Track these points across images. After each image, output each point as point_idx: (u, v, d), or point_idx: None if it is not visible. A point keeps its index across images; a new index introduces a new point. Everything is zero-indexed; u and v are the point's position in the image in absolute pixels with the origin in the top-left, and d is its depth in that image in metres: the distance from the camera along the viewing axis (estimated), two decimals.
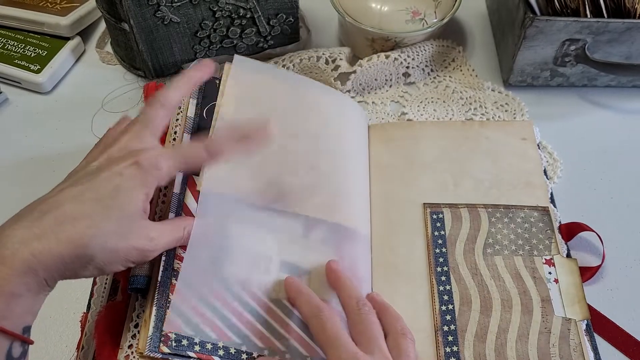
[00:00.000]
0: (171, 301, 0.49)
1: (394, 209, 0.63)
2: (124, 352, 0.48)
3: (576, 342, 0.53)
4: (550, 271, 0.58)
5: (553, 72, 0.76)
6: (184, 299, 0.49)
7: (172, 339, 0.47)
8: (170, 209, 0.53)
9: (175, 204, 0.53)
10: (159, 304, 0.48)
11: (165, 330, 0.47)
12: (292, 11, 0.77)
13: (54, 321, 0.59)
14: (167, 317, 0.48)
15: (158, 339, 0.47)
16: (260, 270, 0.54)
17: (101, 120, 0.76)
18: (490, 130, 0.69)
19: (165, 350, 0.46)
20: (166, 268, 0.50)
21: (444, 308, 0.56)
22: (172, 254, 0.51)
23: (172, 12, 0.71)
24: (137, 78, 0.81)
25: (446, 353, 0.53)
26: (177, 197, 0.54)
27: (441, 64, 0.81)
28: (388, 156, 0.67)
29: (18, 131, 0.75)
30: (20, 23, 0.83)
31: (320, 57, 0.76)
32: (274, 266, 0.55)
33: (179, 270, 0.50)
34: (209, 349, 0.48)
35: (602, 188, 0.69)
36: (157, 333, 0.47)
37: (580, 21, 0.68)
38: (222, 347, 0.49)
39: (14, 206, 0.67)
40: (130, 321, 0.50)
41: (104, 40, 0.86)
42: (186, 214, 0.53)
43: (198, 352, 0.48)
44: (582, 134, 0.74)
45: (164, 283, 0.49)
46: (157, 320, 0.47)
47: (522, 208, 0.62)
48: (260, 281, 0.53)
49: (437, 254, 0.59)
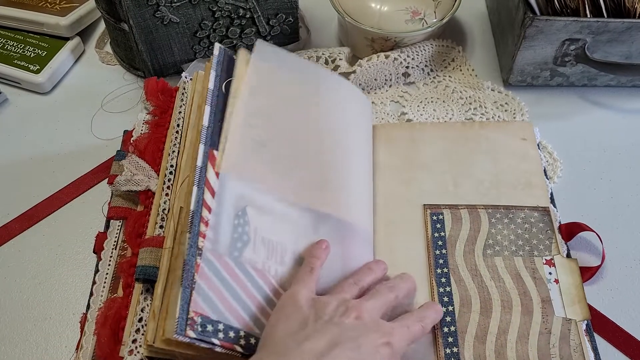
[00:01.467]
0: (196, 282, 0.47)
1: (394, 210, 0.63)
2: (127, 347, 0.48)
3: (576, 343, 0.53)
4: (550, 271, 0.58)
5: (553, 71, 0.76)
6: (209, 282, 0.48)
7: (199, 323, 0.46)
8: (195, 182, 0.51)
9: (197, 177, 0.52)
10: (184, 284, 0.46)
11: (192, 312, 0.45)
12: (291, 11, 0.76)
13: (53, 322, 0.59)
14: (192, 299, 0.46)
15: (184, 321, 0.45)
16: (277, 260, 0.54)
17: (100, 121, 0.76)
18: (490, 131, 0.69)
19: (191, 335, 0.45)
20: (191, 246, 0.48)
21: (443, 309, 0.55)
22: (196, 230, 0.49)
23: (172, 12, 0.71)
24: (136, 78, 0.80)
25: (446, 354, 0.53)
26: (199, 170, 0.52)
27: (441, 63, 0.81)
28: (388, 156, 0.67)
29: (17, 131, 0.75)
30: (19, 23, 0.83)
31: (320, 57, 0.76)
32: (288, 257, 0.54)
33: (204, 250, 0.49)
34: (232, 338, 0.47)
35: (602, 188, 0.69)
36: (183, 315, 0.45)
37: (580, 21, 0.68)
38: (243, 336, 0.48)
39: (14, 206, 0.67)
40: (133, 315, 0.50)
41: (104, 40, 0.86)
42: (208, 189, 0.51)
43: (222, 340, 0.46)
44: (582, 134, 0.74)
45: (190, 262, 0.47)
46: (184, 302, 0.46)
47: (522, 208, 0.62)
48: (277, 271, 0.53)
49: (437, 255, 0.59)
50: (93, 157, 0.72)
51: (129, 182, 0.59)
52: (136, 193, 0.59)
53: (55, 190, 0.69)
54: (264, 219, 0.54)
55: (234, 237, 0.51)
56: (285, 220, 0.56)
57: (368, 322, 0.47)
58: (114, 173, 0.63)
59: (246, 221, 0.53)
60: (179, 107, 0.62)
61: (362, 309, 0.48)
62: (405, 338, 0.49)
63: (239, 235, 0.52)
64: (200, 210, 0.50)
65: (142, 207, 0.59)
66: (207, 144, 0.54)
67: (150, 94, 0.65)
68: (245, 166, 0.56)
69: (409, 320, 0.51)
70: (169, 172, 0.57)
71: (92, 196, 0.68)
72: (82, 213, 0.67)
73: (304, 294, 0.49)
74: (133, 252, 0.55)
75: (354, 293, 0.52)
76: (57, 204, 0.68)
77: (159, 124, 0.63)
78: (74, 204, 0.68)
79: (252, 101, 0.59)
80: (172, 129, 0.61)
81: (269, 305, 0.51)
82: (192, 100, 0.60)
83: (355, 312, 0.48)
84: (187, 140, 0.58)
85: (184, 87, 0.64)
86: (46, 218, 0.67)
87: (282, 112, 0.61)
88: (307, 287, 0.50)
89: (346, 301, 0.49)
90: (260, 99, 0.60)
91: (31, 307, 0.60)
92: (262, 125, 0.59)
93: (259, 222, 0.54)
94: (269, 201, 0.56)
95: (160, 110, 0.64)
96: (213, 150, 0.54)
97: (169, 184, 0.56)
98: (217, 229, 0.51)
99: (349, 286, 0.52)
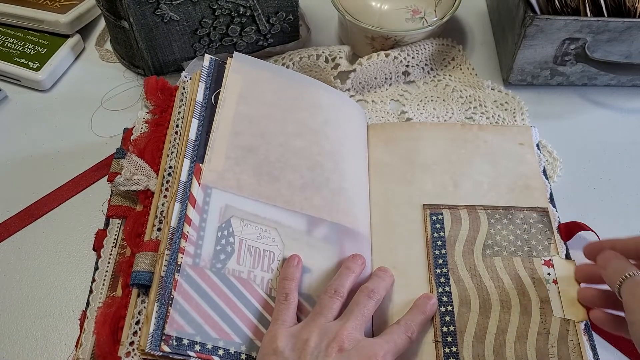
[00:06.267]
0: (174, 298, 0.49)
1: (393, 210, 0.63)
2: (125, 348, 0.49)
3: (575, 343, 0.53)
4: (549, 272, 0.58)
5: (553, 71, 0.76)
6: (187, 297, 0.49)
7: (174, 338, 0.47)
8: (177, 198, 0.53)
9: (181, 192, 0.53)
10: (161, 300, 0.48)
11: (167, 328, 0.47)
12: (292, 9, 0.76)
13: (53, 319, 0.59)
14: (169, 315, 0.48)
15: (159, 337, 0.47)
16: (264, 268, 0.54)
17: (100, 118, 0.76)
18: (488, 133, 0.69)
19: (165, 349, 0.46)
20: (170, 263, 0.50)
21: (443, 309, 0.56)
22: (176, 247, 0.51)
23: (172, 10, 0.71)
24: (136, 76, 0.80)
25: (445, 354, 0.53)
26: (183, 185, 0.54)
27: (441, 62, 0.81)
28: (388, 156, 0.67)
29: (17, 129, 0.75)
30: (19, 20, 0.83)
31: (320, 56, 0.76)
32: (276, 264, 0.55)
33: (183, 265, 0.50)
34: (210, 349, 0.48)
35: (602, 187, 0.69)
36: (158, 331, 0.47)
37: (581, 20, 0.68)
38: (222, 347, 0.49)
39: (14, 203, 0.67)
40: (131, 317, 0.50)
41: (104, 38, 0.86)
42: (191, 203, 0.53)
43: (198, 352, 0.48)
44: (582, 133, 0.74)
45: (167, 279, 0.49)
46: (159, 318, 0.47)
47: (521, 209, 0.62)
48: (263, 279, 0.54)
49: (437, 255, 0.59)
50: (93, 155, 0.72)
51: (129, 182, 0.59)
52: (135, 192, 0.59)
53: (55, 187, 0.69)
54: (251, 227, 0.55)
55: (216, 250, 0.53)
56: (274, 226, 0.56)
57: (351, 351, 0.47)
58: (114, 171, 0.63)
59: (231, 232, 0.54)
60: (179, 107, 0.62)
61: (343, 337, 0.48)
62: (393, 353, 0.49)
63: (223, 247, 0.53)
64: (182, 227, 0.52)
65: (142, 206, 0.59)
66: (193, 158, 0.56)
67: (150, 93, 0.66)
68: (232, 176, 0.57)
69: (395, 334, 0.51)
70: (167, 173, 0.57)
71: (92, 193, 0.69)
72: (81, 210, 0.67)
73: (283, 334, 0.49)
74: (132, 252, 0.55)
75: (336, 310, 0.52)
76: (56, 201, 0.68)
77: (158, 123, 0.63)
78: (73, 201, 0.68)
79: (238, 107, 0.61)
80: (171, 129, 0.61)
81: (253, 314, 0.52)
82: (191, 100, 0.60)
83: (336, 344, 0.47)
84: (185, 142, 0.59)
85: (184, 86, 0.64)
86: (46, 215, 0.67)
87: (269, 117, 0.62)
88: (284, 324, 0.50)
89: (326, 331, 0.49)
90: (247, 104, 0.62)
91: (30, 304, 0.60)
92: (248, 130, 0.60)
93: (245, 231, 0.55)
94: (256, 208, 0.56)
95: (160, 109, 0.65)
96: (199, 164, 0.56)
97: (167, 185, 0.56)
98: (200, 242, 0.52)
99: (330, 301, 0.52)
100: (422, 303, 0.55)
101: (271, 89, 0.64)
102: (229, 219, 0.55)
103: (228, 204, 0.55)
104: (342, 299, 0.52)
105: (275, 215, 0.57)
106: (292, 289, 0.53)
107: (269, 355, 0.48)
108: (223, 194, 0.55)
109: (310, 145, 0.62)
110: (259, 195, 0.57)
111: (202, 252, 0.52)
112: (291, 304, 0.52)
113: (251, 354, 0.50)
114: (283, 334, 0.49)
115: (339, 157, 0.63)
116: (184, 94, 0.63)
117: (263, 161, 0.59)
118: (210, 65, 0.62)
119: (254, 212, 0.56)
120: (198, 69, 0.63)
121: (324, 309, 0.51)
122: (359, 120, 0.69)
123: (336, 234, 0.58)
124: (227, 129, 0.59)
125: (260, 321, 0.52)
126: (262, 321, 0.52)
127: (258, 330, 0.51)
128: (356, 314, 0.51)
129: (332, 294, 0.52)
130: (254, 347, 0.50)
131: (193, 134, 0.57)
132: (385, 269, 0.57)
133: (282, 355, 0.47)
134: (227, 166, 0.57)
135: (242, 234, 0.55)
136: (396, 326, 0.52)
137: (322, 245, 0.57)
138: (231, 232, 0.54)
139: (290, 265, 0.55)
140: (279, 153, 0.60)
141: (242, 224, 0.55)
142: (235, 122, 0.60)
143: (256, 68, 0.65)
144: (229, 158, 0.58)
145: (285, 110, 0.63)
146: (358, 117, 0.69)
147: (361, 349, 0.48)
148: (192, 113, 0.58)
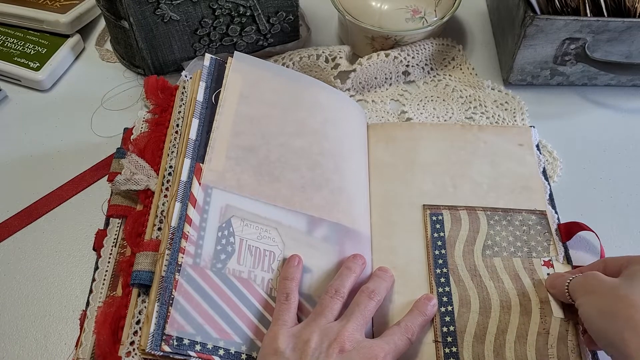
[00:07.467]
0: (174, 298, 0.49)
1: (393, 210, 0.63)
2: (125, 347, 0.49)
3: (574, 343, 0.53)
4: (548, 272, 0.58)
5: (553, 71, 0.76)
6: (187, 297, 0.49)
7: (174, 338, 0.47)
8: (177, 197, 0.53)
9: (181, 192, 0.54)
10: (161, 300, 0.48)
11: (168, 328, 0.47)
12: (292, 9, 0.76)
13: (53, 319, 0.59)
14: (170, 315, 0.48)
15: (160, 337, 0.47)
16: (265, 268, 0.54)
17: (100, 118, 0.76)
18: (488, 134, 0.69)
19: (166, 349, 0.46)
20: (170, 262, 0.50)
21: (443, 309, 0.56)
22: (176, 247, 0.51)
23: (172, 10, 0.71)
24: (136, 76, 0.80)
25: (445, 354, 0.53)
26: (183, 184, 0.54)
27: (441, 62, 0.81)
28: (388, 156, 0.67)
29: (18, 129, 0.75)
30: (19, 20, 0.83)
31: (320, 56, 0.76)
32: (277, 264, 0.55)
33: (183, 264, 0.50)
34: (210, 349, 0.48)
35: (602, 187, 0.69)
36: (158, 331, 0.47)
37: (581, 20, 0.68)
38: (223, 347, 0.49)
39: (14, 203, 0.67)
40: (131, 317, 0.50)
41: (104, 37, 0.86)
42: (191, 203, 0.53)
43: (199, 352, 0.48)
44: (582, 133, 0.74)
45: (168, 279, 0.49)
46: (159, 318, 0.47)
47: (520, 211, 0.62)
48: (264, 279, 0.54)
49: (437, 255, 0.59)
50: (93, 155, 0.72)
51: (129, 182, 0.59)
52: (136, 192, 0.59)
53: (55, 187, 0.69)
54: (251, 227, 0.55)
55: (217, 250, 0.53)
56: (274, 225, 0.56)
57: (352, 352, 0.47)
58: (114, 171, 0.63)
59: (231, 232, 0.54)
60: (179, 107, 0.62)
61: (344, 338, 0.48)
62: (393, 354, 0.49)
63: (223, 247, 0.53)
64: (182, 226, 0.52)
65: (142, 206, 0.59)
66: (193, 158, 0.56)
67: (150, 93, 0.66)
68: (232, 176, 0.57)
69: (395, 335, 0.51)
70: (168, 172, 0.57)
71: (92, 193, 0.69)
72: (82, 210, 0.67)
73: (283, 334, 0.49)
74: (132, 251, 0.56)
75: (336, 310, 0.52)
76: (56, 200, 0.68)
77: (159, 123, 0.63)
78: (73, 200, 0.68)
79: (239, 107, 0.61)
80: (171, 129, 0.61)
81: (253, 314, 0.52)
82: (191, 100, 0.60)
83: (337, 345, 0.47)
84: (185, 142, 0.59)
85: (184, 86, 0.64)
86: (46, 215, 0.67)
87: (269, 116, 0.62)
88: (285, 324, 0.50)
89: (327, 332, 0.49)
90: (248, 104, 0.62)
91: (30, 303, 0.60)
92: (249, 130, 0.60)
93: (246, 231, 0.55)
94: (256, 208, 0.56)
95: (160, 108, 0.65)
96: (199, 164, 0.56)
97: (168, 185, 0.56)
98: (200, 242, 0.52)
99: (331, 301, 0.52)
100: (423, 304, 0.55)
101: (271, 88, 0.64)
102: (230, 218, 0.55)
103: (228, 203, 0.55)
104: (342, 300, 0.52)
105: (275, 215, 0.57)
106: (292, 289, 0.53)
107: (270, 355, 0.48)
108: (223, 193, 0.56)
109: (311, 145, 0.62)
110: (260, 195, 0.57)
111: (203, 252, 0.52)
112: (292, 304, 0.52)
113: (252, 354, 0.50)
114: (284, 334, 0.49)
115: (339, 157, 0.63)
116: (184, 94, 0.63)
117: (263, 161, 0.59)
118: (210, 64, 0.62)
119: (255, 212, 0.56)
120: (198, 69, 0.63)
121: (325, 309, 0.51)
122: (359, 120, 0.69)
123: (336, 234, 0.58)
124: (228, 129, 0.59)
125: (260, 321, 0.52)
126: (262, 321, 0.52)
127: (258, 330, 0.51)
128: (357, 315, 0.51)
129: (333, 294, 0.52)
130: (255, 347, 0.50)
131: (193, 134, 0.57)
132: (386, 269, 0.57)
133: (283, 356, 0.47)
134: (227, 166, 0.57)
135: (243, 234, 0.55)
136: (396, 327, 0.52)
137: (322, 245, 0.57)
138: (232, 232, 0.54)
139: (290, 265, 0.55)
140: (279, 153, 0.60)
141: (242, 223, 0.55)
142: (235, 122, 0.60)
143: (257, 68, 0.65)
144: (229, 158, 0.58)
145: (285, 109, 0.63)
146: (358, 117, 0.69)
147: (362, 350, 0.48)
148: (193, 112, 0.59)
